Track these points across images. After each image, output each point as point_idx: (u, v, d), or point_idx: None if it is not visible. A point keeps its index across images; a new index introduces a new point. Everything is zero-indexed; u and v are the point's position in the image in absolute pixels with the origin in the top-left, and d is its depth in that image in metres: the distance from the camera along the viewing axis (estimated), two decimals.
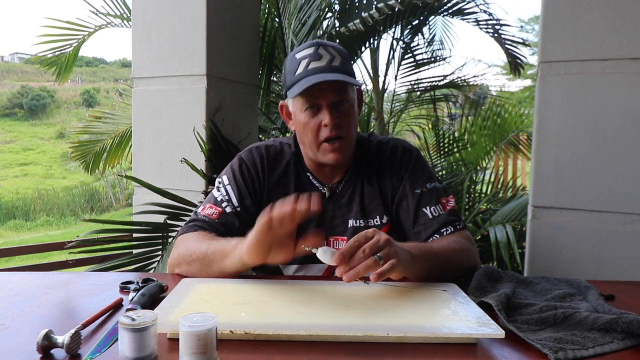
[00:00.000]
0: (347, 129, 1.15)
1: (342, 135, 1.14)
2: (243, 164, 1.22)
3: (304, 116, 1.14)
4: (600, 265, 1.67)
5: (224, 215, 1.16)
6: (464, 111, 4.40)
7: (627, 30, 1.61)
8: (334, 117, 1.12)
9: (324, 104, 1.12)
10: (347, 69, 1.16)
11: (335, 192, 1.23)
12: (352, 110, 1.17)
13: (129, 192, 12.62)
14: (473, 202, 3.29)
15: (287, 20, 3.10)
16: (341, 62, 1.14)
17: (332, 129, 1.12)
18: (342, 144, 1.14)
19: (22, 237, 10.82)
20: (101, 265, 1.88)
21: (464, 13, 3.81)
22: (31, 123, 23.94)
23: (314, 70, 1.11)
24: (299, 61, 1.14)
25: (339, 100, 1.13)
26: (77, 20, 3.59)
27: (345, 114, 1.14)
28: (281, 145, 1.26)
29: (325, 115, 1.12)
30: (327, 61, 1.13)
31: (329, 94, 1.12)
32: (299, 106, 1.15)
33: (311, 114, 1.14)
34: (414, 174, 1.21)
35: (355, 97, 1.19)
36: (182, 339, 0.64)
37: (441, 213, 1.17)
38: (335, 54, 1.14)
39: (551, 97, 1.71)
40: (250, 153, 1.24)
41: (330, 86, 1.11)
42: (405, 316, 0.81)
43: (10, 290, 0.97)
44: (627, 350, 0.73)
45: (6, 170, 18.24)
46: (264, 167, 1.22)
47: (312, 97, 1.12)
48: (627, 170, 1.62)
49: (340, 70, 1.13)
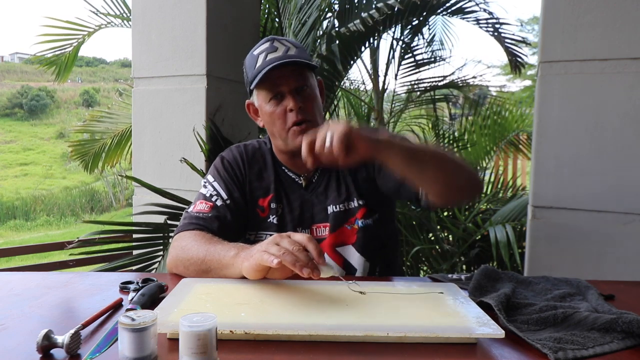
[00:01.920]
0: (311, 112, 1.18)
1: (308, 118, 1.17)
2: (225, 160, 1.28)
3: (269, 106, 1.19)
4: (600, 265, 1.67)
5: (216, 208, 1.19)
6: (464, 111, 4.40)
7: (627, 30, 1.61)
8: (297, 102, 1.16)
9: (286, 91, 1.17)
10: (303, 56, 1.20)
11: (312, 182, 1.26)
12: (314, 94, 1.21)
13: (129, 192, 12.62)
14: (473, 202, 3.29)
15: (287, 20, 3.10)
16: (297, 52, 1.19)
17: (297, 113, 1.16)
18: (308, 127, 1.16)
19: (22, 237, 10.83)
20: (101, 266, 1.88)
21: (464, 12, 3.81)
22: (31, 123, 23.94)
23: (272, 60, 1.16)
24: (257, 56, 1.20)
25: (300, 86, 1.18)
26: (77, 20, 3.60)
27: (308, 98, 1.18)
28: (258, 143, 1.33)
29: (290, 100, 1.16)
30: (283, 51, 1.18)
31: (290, 80, 1.16)
32: (264, 98, 1.20)
33: (275, 103, 1.18)
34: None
35: (316, 84, 1.24)
36: (182, 339, 0.64)
37: None
38: (290, 45, 1.20)
39: (551, 97, 1.71)
40: (230, 151, 1.31)
41: (290, 73, 1.16)
42: (405, 316, 0.81)
43: (10, 290, 0.97)
44: (627, 350, 0.73)
45: (6, 170, 18.24)
46: (244, 162, 1.28)
47: (274, 85, 1.17)
48: (627, 170, 1.62)
49: (297, 57, 1.17)
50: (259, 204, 1.25)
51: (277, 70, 1.14)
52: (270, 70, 1.14)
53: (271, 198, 1.24)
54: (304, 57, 1.19)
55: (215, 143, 2.05)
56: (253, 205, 1.25)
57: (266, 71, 1.14)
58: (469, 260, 2.81)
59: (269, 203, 1.24)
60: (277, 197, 1.24)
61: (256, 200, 1.25)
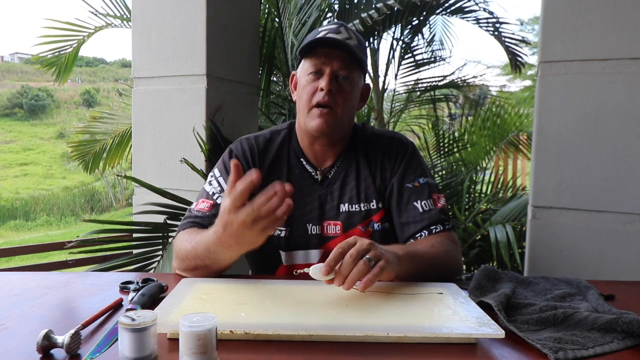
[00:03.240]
0: (341, 103, 1.16)
1: (333, 106, 1.15)
2: (233, 154, 1.25)
3: (305, 80, 1.18)
4: (600, 265, 1.67)
5: (216, 207, 1.17)
6: (464, 111, 4.40)
7: (627, 30, 1.61)
8: (331, 84, 1.14)
9: (326, 71, 1.15)
10: (361, 53, 1.18)
11: (327, 177, 1.23)
12: (350, 89, 1.18)
13: (129, 192, 12.62)
14: (473, 202, 3.29)
15: (287, 20, 3.10)
16: (357, 45, 1.17)
17: (326, 94, 1.14)
18: (330, 113, 1.15)
19: (22, 237, 10.82)
20: (101, 266, 1.88)
21: (464, 12, 3.81)
22: (31, 123, 23.93)
23: (329, 39, 1.15)
24: (318, 31, 1.19)
25: (343, 75, 1.16)
26: (77, 21, 3.60)
27: (343, 89, 1.16)
28: (270, 134, 1.28)
29: (324, 80, 1.14)
30: (344, 37, 1.16)
31: (335, 62, 1.15)
32: (305, 69, 1.18)
33: (313, 79, 1.17)
34: (408, 167, 1.22)
35: (359, 83, 1.22)
36: (182, 339, 0.64)
37: (432, 208, 1.17)
38: (354, 36, 1.18)
39: (551, 97, 1.71)
40: (239, 144, 1.27)
41: (338, 57, 1.14)
42: (405, 316, 0.81)
43: (10, 290, 0.97)
44: (627, 350, 0.73)
45: (6, 170, 18.24)
46: (254, 156, 1.24)
47: (318, 61, 1.15)
48: (627, 170, 1.62)
49: (354, 50, 1.15)
50: None
51: (327, 48, 1.14)
52: (321, 45, 1.14)
53: None
54: (360, 52, 1.17)
55: (215, 143, 2.05)
56: None
57: (317, 43, 1.13)
58: (469, 260, 2.81)
59: None
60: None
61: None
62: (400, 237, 1.19)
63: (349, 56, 1.15)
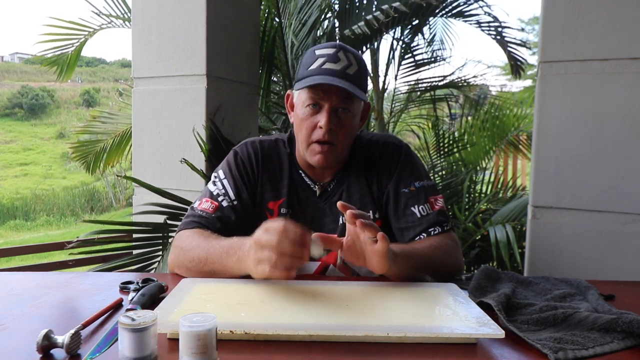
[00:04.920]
0: (341, 138, 1.15)
1: (334, 142, 1.14)
2: (238, 157, 1.23)
3: (303, 112, 1.15)
4: (600, 265, 1.67)
5: (221, 209, 1.17)
6: (464, 111, 4.40)
7: (627, 30, 1.61)
8: (330, 122, 1.12)
9: (325, 106, 1.13)
10: (360, 80, 1.15)
11: (327, 190, 1.23)
12: (352, 121, 1.16)
13: (129, 192, 12.61)
14: (473, 202, 3.29)
15: (287, 20, 3.10)
16: (356, 72, 1.14)
17: (325, 133, 1.12)
18: (330, 149, 1.14)
19: (22, 237, 10.82)
20: (102, 266, 1.88)
21: (464, 15, 3.81)
22: (31, 123, 23.93)
23: (327, 71, 1.12)
24: (316, 57, 1.15)
25: (342, 107, 1.14)
26: (79, 21, 3.60)
27: (344, 123, 1.14)
28: (275, 141, 1.27)
29: (323, 117, 1.12)
30: (343, 67, 1.12)
31: (333, 97, 1.12)
32: (303, 101, 1.16)
33: (311, 112, 1.14)
34: (403, 171, 1.21)
35: (359, 110, 1.19)
36: (182, 339, 0.64)
37: (430, 212, 1.17)
38: (353, 62, 1.14)
39: (551, 97, 1.71)
40: (245, 147, 1.25)
41: (337, 90, 1.11)
42: (405, 316, 0.81)
43: (10, 290, 0.97)
44: (627, 350, 0.73)
45: (6, 170, 18.24)
46: (258, 161, 1.23)
47: (316, 95, 1.13)
48: (627, 170, 1.62)
49: (353, 79, 1.12)
50: (269, 207, 1.22)
51: (326, 83, 1.10)
52: (319, 78, 1.10)
53: (282, 202, 1.21)
54: (360, 81, 1.15)
55: (215, 143, 2.05)
56: (262, 207, 1.22)
57: (314, 83, 1.10)
58: (469, 260, 2.81)
59: (279, 207, 1.21)
60: (289, 202, 1.21)
61: (266, 202, 1.22)
62: (399, 242, 1.19)
63: (349, 86, 1.11)
